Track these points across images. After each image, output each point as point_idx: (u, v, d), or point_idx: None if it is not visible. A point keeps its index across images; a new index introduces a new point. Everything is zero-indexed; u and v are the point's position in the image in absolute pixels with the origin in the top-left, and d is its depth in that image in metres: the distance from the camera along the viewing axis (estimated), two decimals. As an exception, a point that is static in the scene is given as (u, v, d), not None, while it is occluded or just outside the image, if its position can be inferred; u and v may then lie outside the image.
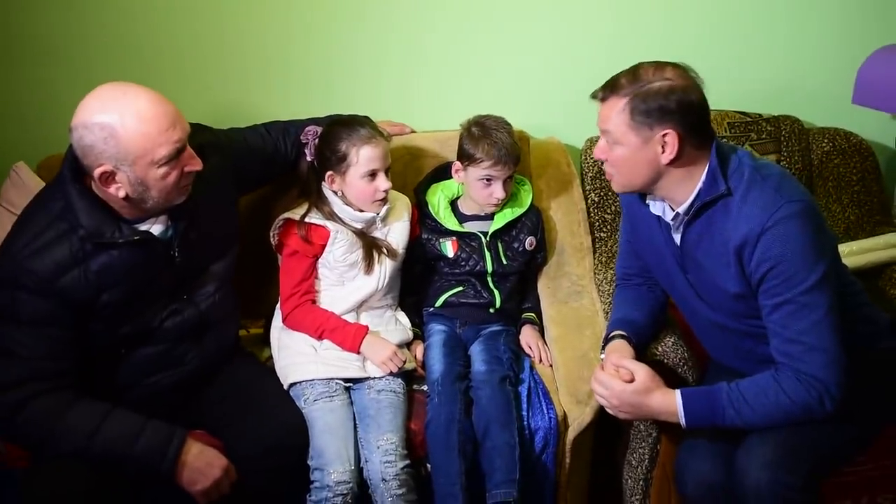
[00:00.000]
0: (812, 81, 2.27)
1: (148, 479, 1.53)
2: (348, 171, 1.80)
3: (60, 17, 2.13)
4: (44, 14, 2.13)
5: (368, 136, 1.78)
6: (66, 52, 2.16)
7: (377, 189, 1.80)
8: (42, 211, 1.52)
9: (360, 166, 1.78)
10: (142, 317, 1.59)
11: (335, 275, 1.86)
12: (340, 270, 1.85)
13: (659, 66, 1.44)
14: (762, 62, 2.25)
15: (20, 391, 1.48)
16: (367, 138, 1.78)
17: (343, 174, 1.81)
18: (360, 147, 1.77)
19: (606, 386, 1.52)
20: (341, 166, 1.80)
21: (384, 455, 1.65)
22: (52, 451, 1.48)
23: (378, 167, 1.79)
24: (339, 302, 1.85)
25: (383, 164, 1.80)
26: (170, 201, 1.53)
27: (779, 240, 1.39)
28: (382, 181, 1.80)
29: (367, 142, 1.77)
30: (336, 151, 1.80)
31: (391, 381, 1.79)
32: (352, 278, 1.86)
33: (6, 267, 1.49)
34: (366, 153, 1.77)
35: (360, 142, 1.77)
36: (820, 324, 1.41)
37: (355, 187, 1.81)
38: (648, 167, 1.47)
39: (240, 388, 1.72)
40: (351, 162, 1.79)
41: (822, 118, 2.27)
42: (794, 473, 1.41)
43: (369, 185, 1.80)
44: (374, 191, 1.81)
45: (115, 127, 1.41)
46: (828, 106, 2.27)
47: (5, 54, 2.18)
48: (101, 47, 2.15)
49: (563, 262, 2.04)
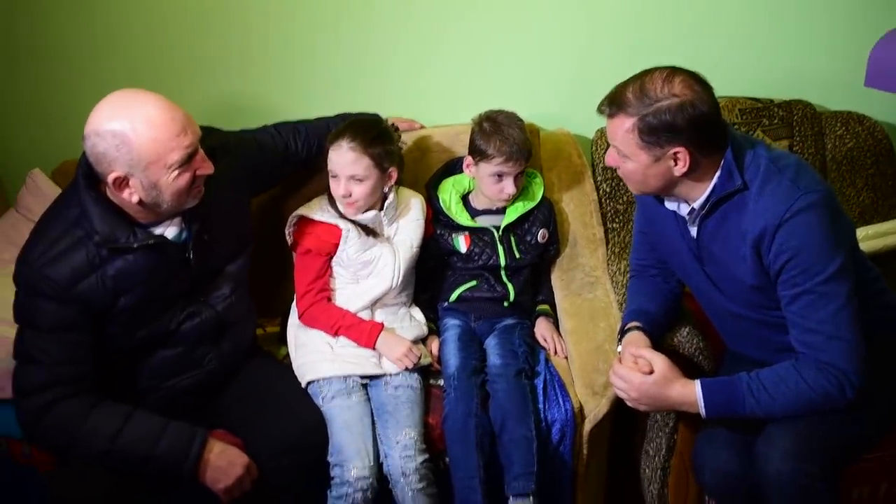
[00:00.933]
0: (823, 65, 2.24)
1: (170, 480, 1.55)
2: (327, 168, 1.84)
3: (72, 22, 2.14)
4: (55, 19, 2.15)
5: (338, 140, 1.79)
6: (78, 57, 2.18)
7: (335, 191, 1.82)
8: (58, 218, 1.54)
9: (328, 165, 1.82)
10: (159, 320, 1.61)
11: (349, 273, 1.87)
12: (354, 268, 1.86)
13: (667, 78, 1.40)
14: (773, 47, 2.22)
15: (43, 396, 1.50)
16: (333, 142, 1.80)
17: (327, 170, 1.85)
18: (328, 146, 1.81)
19: (625, 379, 1.52)
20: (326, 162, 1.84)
21: (403, 450, 1.66)
22: (76, 453, 1.51)
23: (336, 171, 1.80)
24: (353, 300, 1.86)
25: (342, 171, 1.79)
26: (183, 205, 1.55)
27: (797, 231, 1.39)
28: (339, 186, 1.80)
29: (331, 146, 1.80)
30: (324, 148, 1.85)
31: (408, 376, 1.80)
32: (366, 276, 1.87)
33: (25, 274, 1.51)
34: (329, 154, 1.81)
35: (330, 143, 1.81)
36: (839, 313, 1.40)
37: (330, 183, 1.84)
38: (661, 179, 1.46)
39: (258, 387, 1.73)
40: (327, 160, 1.83)
41: (835, 102, 2.25)
42: (815, 463, 1.41)
43: (332, 183, 1.83)
44: (335, 191, 1.82)
45: (126, 134, 1.42)
46: (840, 89, 2.24)
47: (19, 60, 2.20)
48: (112, 51, 2.17)
49: (576, 253, 2.04)
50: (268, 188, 1.95)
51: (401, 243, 1.88)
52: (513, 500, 1.67)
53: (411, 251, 1.89)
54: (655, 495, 1.82)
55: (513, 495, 1.67)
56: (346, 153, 1.78)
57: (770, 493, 1.43)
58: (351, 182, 1.79)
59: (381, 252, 1.86)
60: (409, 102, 2.20)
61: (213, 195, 1.61)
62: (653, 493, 1.82)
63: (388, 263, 1.86)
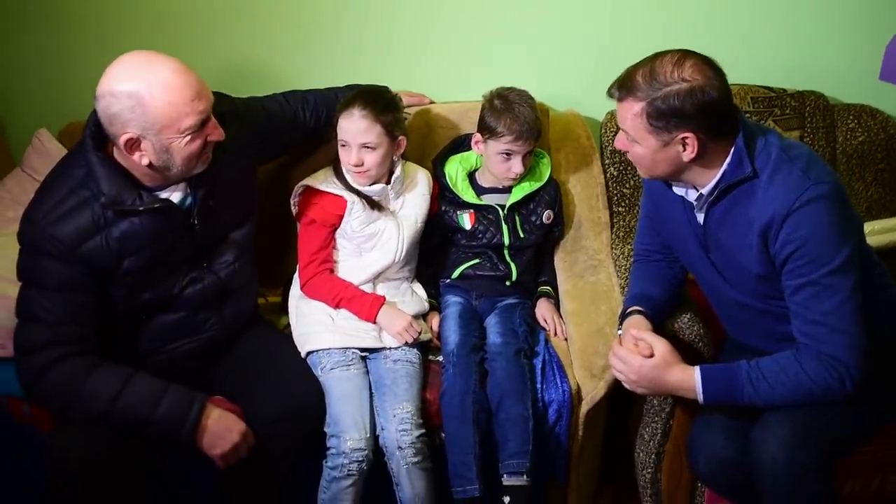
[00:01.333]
0: (838, 57, 2.22)
1: (168, 443, 1.56)
2: (336, 138, 1.82)
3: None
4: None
5: (349, 108, 1.78)
6: (85, 19, 2.17)
7: (346, 160, 1.81)
8: (64, 178, 1.54)
9: (338, 134, 1.81)
10: (162, 284, 1.61)
11: (353, 245, 1.87)
12: (358, 241, 1.86)
13: (678, 61, 1.38)
14: (788, 36, 2.20)
15: (44, 355, 1.51)
16: (344, 110, 1.79)
17: (335, 140, 1.83)
18: (338, 116, 1.80)
19: (625, 361, 1.53)
20: (335, 133, 1.82)
21: (400, 423, 1.67)
22: (76, 414, 1.52)
23: (347, 139, 1.79)
24: (356, 273, 1.86)
25: (354, 139, 1.77)
26: (191, 170, 1.54)
27: (805, 221, 1.38)
28: (350, 154, 1.79)
29: (342, 114, 1.79)
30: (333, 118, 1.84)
31: (407, 351, 1.81)
32: (369, 249, 1.87)
33: (29, 233, 1.51)
34: (340, 123, 1.79)
35: (340, 112, 1.80)
36: (843, 306, 1.40)
37: (339, 154, 1.83)
38: (670, 164, 1.46)
39: (258, 356, 1.74)
40: (336, 129, 1.81)
41: (848, 94, 2.23)
42: (810, 453, 1.41)
43: (342, 152, 1.81)
44: (346, 161, 1.81)
45: (142, 95, 1.42)
46: (854, 82, 2.22)
47: (25, 22, 2.19)
48: (120, 13, 2.15)
49: (581, 236, 2.03)
50: (275, 157, 1.95)
51: (405, 218, 1.88)
52: (507, 477, 1.68)
53: (416, 226, 1.89)
54: (648, 480, 1.83)
55: (507, 473, 1.68)
56: (359, 121, 1.77)
57: (764, 480, 1.44)
58: (363, 150, 1.78)
59: (386, 226, 1.86)
60: (418, 77, 2.19)
61: (220, 161, 1.61)
62: (646, 477, 1.83)
63: (392, 237, 1.86)
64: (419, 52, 2.20)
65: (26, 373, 1.53)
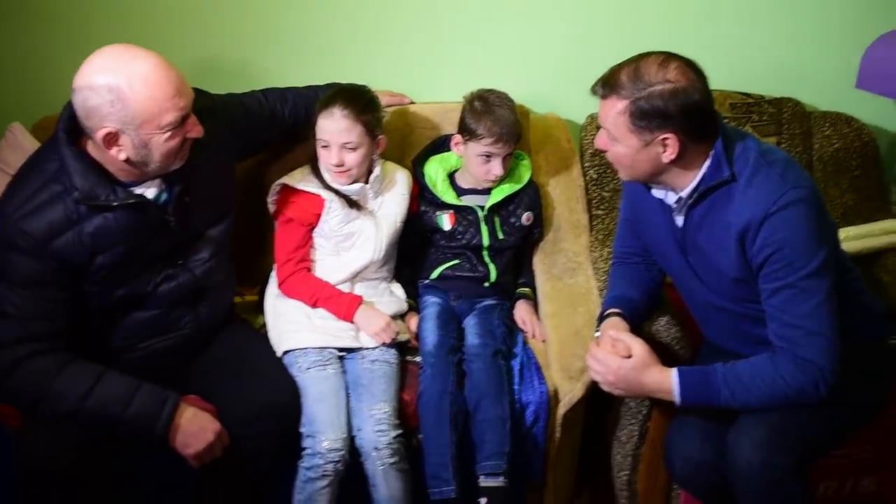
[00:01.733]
0: (816, 64, 2.25)
1: (141, 442, 1.53)
2: (315, 137, 1.81)
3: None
4: (39, -28, 2.10)
5: (329, 107, 1.77)
6: (61, 13, 2.13)
7: (327, 160, 1.79)
8: (37, 172, 1.51)
9: (317, 134, 1.79)
10: (136, 281, 1.59)
11: (331, 244, 1.86)
12: (336, 240, 1.85)
13: (662, 63, 1.39)
14: (766, 43, 2.22)
15: (14, 351, 1.48)
16: (325, 109, 1.77)
17: (314, 139, 1.82)
18: (318, 115, 1.78)
19: (603, 362, 1.53)
20: (313, 132, 1.81)
21: (377, 424, 1.66)
22: (45, 411, 1.49)
23: (328, 139, 1.77)
24: (334, 272, 1.85)
25: (335, 139, 1.76)
26: (169, 166, 1.53)
27: (782, 225, 1.39)
28: (330, 154, 1.78)
29: (322, 113, 1.77)
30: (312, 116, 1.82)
31: (385, 351, 1.80)
32: (347, 249, 1.85)
33: (0, 228, 1.48)
34: (319, 124, 1.78)
35: (320, 111, 1.78)
36: (819, 309, 1.41)
37: (319, 154, 1.82)
38: (649, 165, 1.46)
39: (233, 355, 1.72)
40: (315, 129, 1.80)
41: (825, 102, 2.26)
42: (786, 455, 1.42)
43: (323, 153, 1.80)
44: (326, 161, 1.80)
45: (122, 90, 1.40)
46: (831, 90, 2.25)
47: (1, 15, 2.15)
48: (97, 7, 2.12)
49: (560, 238, 2.04)
50: (253, 154, 1.93)
51: (384, 217, 1.87)
52: (484, 478, 1.67)
53: (395, 226, 1.88)
54: (625, 482, 1.83)
55: (484, 474, 1.67)
56: (340, 121, 1.76)
57: (739, 483, 1.44)
58: (343, 150, 1.77)
59: (364, 225, 1.85)
60: (399, 76, 2.18)
61: (198, 158, 1.59)
62: (622, 479, 1.83)
63: (370, 237, 1.85)
64: (400, 52, 2.20)
65: (-6, 368, 1.50)
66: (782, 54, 2.24)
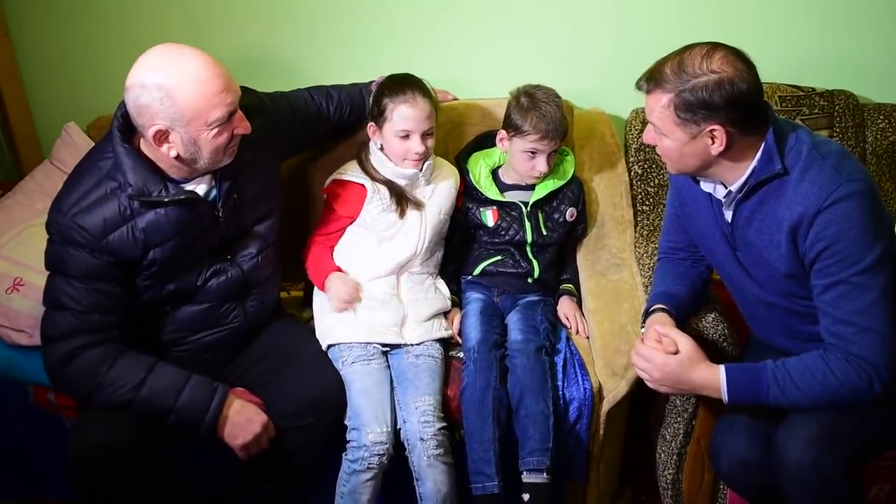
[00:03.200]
0: (869, 55, 2.18)
1: (190, 432, 1.57)
2: (384, 126, 1.81)
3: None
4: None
5: (409, 95, 1.77)
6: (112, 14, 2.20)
7: (408, 150, 1.80)
8: (92, 169, 1.56)
9: (395, 124, 1.78)
10: (186, 275, 1.63)
11: (373, 235, 1.87)
12: (378, 229, 1.85)
13: (707, 53, 1.37)
14: (817, 33, 2.17)
15: (70, 343, 1.53)
16: (406, 96, 1.77)
17: (381, 128, 1.82)
18: (397, 105, 1.77)
19: (648, 358, 1.51)
20: (380, 120, 1.81)
21: (422, 416, 1.67)
22: (100, 401, 1.53)
23: (411, 128, 1.78)
24: (377, 264, 1.86)
25: (418, 127, 1.78)
26: (218, 162, 1.56)
27: (836, 219, 1.36)
28: (416, 143, 1.79)
29: (405, 101, 1.77)
30: (378, 104, 1.81)
31: (429, 346, 1.81)
32: (389, 239, 1.86)
33: (57, 223, 1.53)
34: (401, 112, 1.77)
35: (399, 100, 1.77)
36: (873, 306, 1.37)
37: (390, 144, 1.82)
38: (698, 158, 1.44)
39: (280, 349, 1.75)
40: (387, 118, 1.79)
41: (879, 94, 2.19)
42: (837, 455, 1.39)
43: (402, 144, 1.80)
44: (405, 151, 1.81)
45: (171, 88, 1.43)
46: (885, 81, 2.18)
47: (55, 16, 2.22)
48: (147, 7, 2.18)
49: (604, 234, 2.02)
50: (298, 151, 1.95)
51: (431, 209, 1.88)
52: (527, 474, 1.67)
53: (439, 217, 1.89)
54: (669, 481, 1.81)
55: (527, 470, 1.67)
56: (425, 107, 1.79)
57: (789, 482, 1.42)
58: (426, 137, 1.81)
59: (409, 216, 1.86)
60: (444, 73, 2.18)
61: (245, 155, 1.62)
62: (667, 478, 1.81)
63: (415, 227, 1.86)
64: (445, 48, 2.20)
65: (52, 360, 1.55)
66: (834, 44, 2.18)
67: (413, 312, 1.85)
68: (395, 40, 2.19)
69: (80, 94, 2.30)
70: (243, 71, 1.77)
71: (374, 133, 1.85)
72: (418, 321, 1.84)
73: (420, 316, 1.85)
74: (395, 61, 2.16)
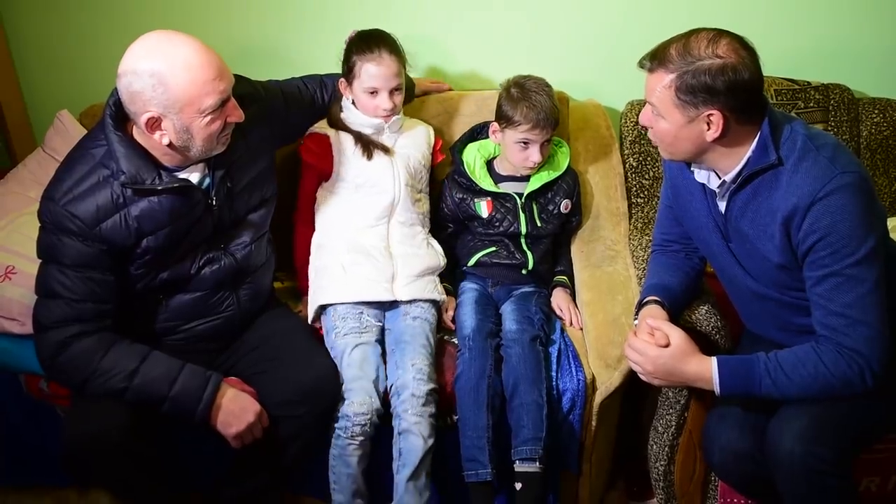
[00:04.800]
0: (865, 49, 2.18)
1: (183, 421, 1.57)
2: (353, 82, 1.84)
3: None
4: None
5: (376, 53, 1.80)
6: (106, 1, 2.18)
7: (377, 107, 1.83)
8: (84, 157, 1.55)
9: (363, 81, 1.82)
10: (180, 264, 1.62)
11: (349, 185, 1.88)
12: (351, 177, 1.87)
13: (713, 38, 1.37)
14: (813, 27, 2.17)
15: (63, 331, 1.52)
16: (372, 54, 1.80)
17: (350, 85, 1.86)
18: (364, 62, 1.80)
19: (641, 351, 1.51)
20: (350, 77, 1.85)
21: (417, 373, 1.70)
22: (93, 389, 1.53)
23: (378, 86, 1.81)
24: (361, 211, 1.87)
25: (385, 84, 1.80)
26: (211, 150, 1.55)
27: (830, 211, 1.36)
28: (383, 100, 1.82)
29: (372, 59, 1.80)
30: (347, 61, 1.85)
31: (425, 308, 1.84)
32: (364, 184, 1.87)
33: (50, 211, 1.52)
34: (368, 70, 1.80)
35: (366, 58, 1.80)
36: (866, 298, 1.38)
37: (360, 100, 1.85)
38: (693, 143, 1.44)
39: (273, 338, 1.75)
40: (356, 75, 1.82)
41: (874, 88, 2.20)
42: (828, 447, 1.40)
43: (370, 100, 1.83)
44: (374, 107, 1.84)
45: (164, 74, 1.42)
46: (880, 75, 2.19)
47: (49, 3, 2.21)
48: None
49: (598, 226, 2.02)
50: (292, 140, 1.95)
51: (400, 153, 1.90)
52: (519, 463, 1.68)
53: (411, 162, 1.91)
54: (661, 472, 1.82)
55: (519, 459, 1.68)
56: (392, 64, 1.81)
57: (780, 473, 1.42)
58: (394, 94, 1.83)
59: (381, 164, 1.87)
60: (438, 64, 2.18)
61: (239, 143, 1.62)
62: (659, 469, 1.82)
63: (387, 169, 1.88)
64: (440, 39, 2.20)
65: (45, 348, 1.54)
66: (829, 38, 2.18)
67: (404, 266, 1.85)
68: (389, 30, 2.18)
69: (72, 81, 2.29)
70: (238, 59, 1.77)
71: (345, 89, 1.88)
72: (410, 276, 1.85)
73: (411, 270, 1.85)
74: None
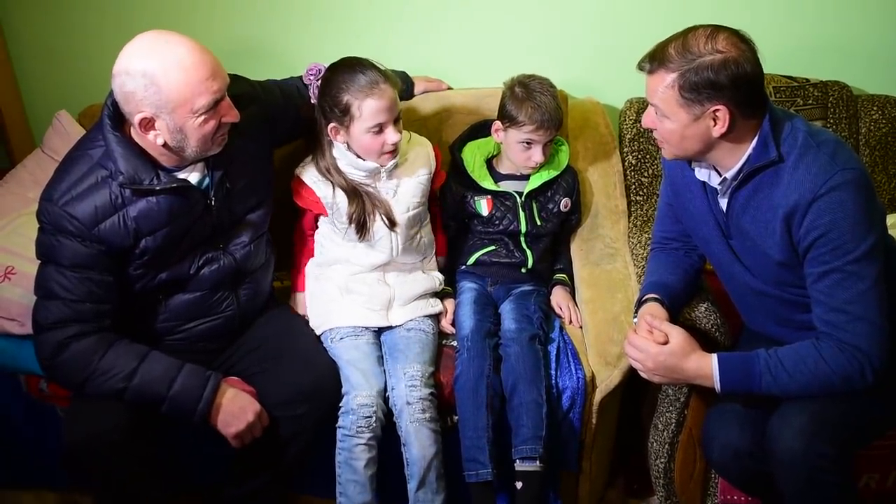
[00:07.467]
0: (863, 46, 2.18)
1: (183, 421, 1.57)
2: (352, 124, 1.67)
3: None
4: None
5: (371, 85, 1.62)
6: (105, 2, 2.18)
7: (385, 143, 1.69)
8: (82, 157, 1.55)
9: (366, 121, 1.65)
10: (178, 264, 1.62)
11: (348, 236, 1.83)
12: (350, 236, 1.81)
13: (711, 35, 1.37)
14: (812, 24, 2.16)
15: (62, 331, 1.52)
16: (370, 89, 1.62)
17: (347, 128, 1.69)
18: (362, 100, 1.63)
19: (641, 349, 1.51)
20: (345, 120, 1.68)
21: (409, 381, 1.69)
22: (92, 390, 1.53)
23: (385, 119, 1.65)
24: (357, 261, 1.83)
25: (391, 116, 1.65)
26: (207, 151, 1.55)
27: (831, 208, 1.36)
28: (391, 134, 1.67)
29: (371, 93, 1.63)
30: (338, 104, 1.67)
31: (420, 321, 1.83)
32: (362, 244, 1.82)
33: (49, 211, 1.52)
34: (370, 106, 1.63)
35: (363, 94, 1.63)
36: (866, 294, 1.38)
37: (361, 142, 1.69)
38: (699, 140, 1.43)
39: (273, 338, 1.75)
40: (354, 115, 1.65)
41: (873, 85, 2.19)
42: (828, 444, 1.39)
43: (376, 139, 1.68)
44: (381, 144, 1.69)
45: (156, 74, 1.42)
46: (879, 72, 2.18)
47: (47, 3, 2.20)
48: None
49: (598, 224, 2.02)
50: (290, 140, 1.94)
51: (398, 209, 1.79)
52: (519, 462, 1.68)
53: (408, 214, 1.81)
54: (661, 470, 1.82)
55: (519, 458, 1.68)
56: (390, 92, 1.66)
57: (780, 471, 1.42)
58: (398, 122, 1.69)
59: (378, 225, 1.79)
60: (436, 62, 2.18)
61: (237, 143, 1.61)
62: (658, 467, 1.82)
63: (384, 236, 1.81)
64: (438, 37, 2.19)
65: (44, 349, 1.54)
66: (828, 35, 2.18)
67: (400, 295, 1.84)
68: (386, 29, 2.18)
69: (71, 82, 2.29)
70: (235, 59, 1.77)
71: (336, 134, 1.71)
72: (405, 302, 1.84)
73: (406, 298, 1.85)
74: (386, 50, 2.15)
